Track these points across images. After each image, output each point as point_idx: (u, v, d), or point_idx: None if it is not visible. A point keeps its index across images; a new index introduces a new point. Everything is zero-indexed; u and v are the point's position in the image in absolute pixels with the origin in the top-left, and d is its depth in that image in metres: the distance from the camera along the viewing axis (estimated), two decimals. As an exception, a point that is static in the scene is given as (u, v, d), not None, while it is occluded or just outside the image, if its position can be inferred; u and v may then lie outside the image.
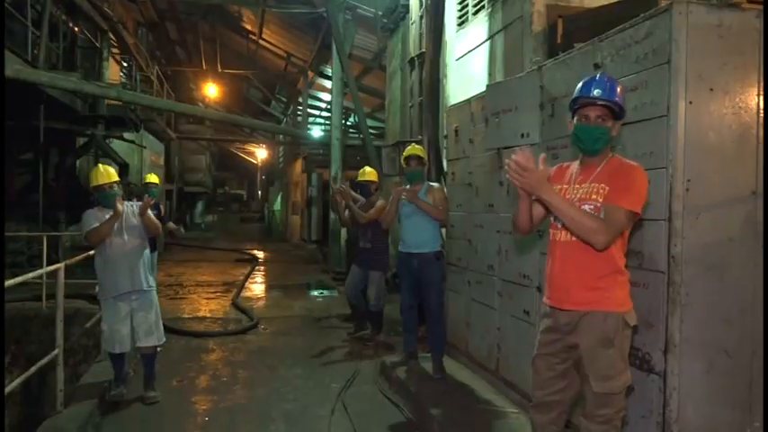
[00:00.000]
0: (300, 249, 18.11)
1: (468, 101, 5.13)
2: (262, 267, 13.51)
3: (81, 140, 11.55)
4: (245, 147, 40.67)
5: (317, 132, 19.77)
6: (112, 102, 11.51)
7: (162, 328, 4.68)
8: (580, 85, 2.53)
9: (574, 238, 2.48)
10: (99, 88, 8.75)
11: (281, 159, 29.84)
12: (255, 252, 16.78)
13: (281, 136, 27.18)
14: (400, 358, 5.14)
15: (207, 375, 5.25)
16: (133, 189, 9.52)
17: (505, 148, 4.27)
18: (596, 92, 2.47)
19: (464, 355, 5.05)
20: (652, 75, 2.85)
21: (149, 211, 4.58)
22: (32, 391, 6.22)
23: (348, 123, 22.40)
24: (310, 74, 19.99)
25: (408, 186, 5.05)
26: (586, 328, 2.48)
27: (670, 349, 2.68)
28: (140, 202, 4.70)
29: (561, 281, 2.55)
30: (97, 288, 4.54)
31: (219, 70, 20.61)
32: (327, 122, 23.77)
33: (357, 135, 19.21)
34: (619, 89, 2.49)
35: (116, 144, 12.02)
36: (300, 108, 22.10)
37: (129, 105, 11.72)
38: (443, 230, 5.30)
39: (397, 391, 4.78)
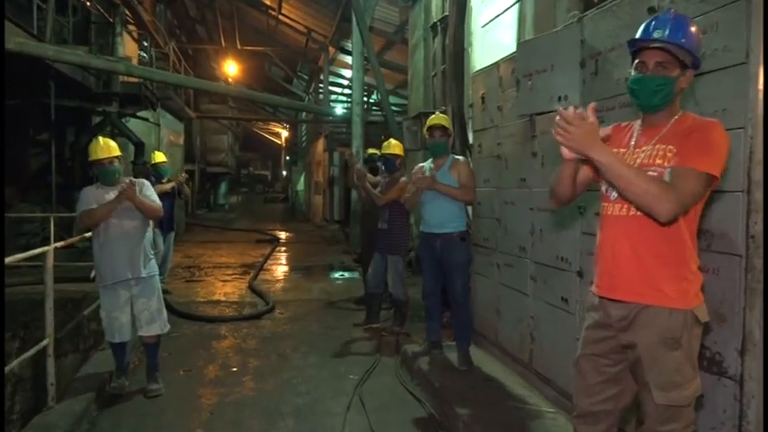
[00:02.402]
0: (323, 230, 17.79)
1: (497, 64, 4.62)
2: (283, 248, 13.21)
3: (97, 120, 11.29)
4: (269, 127, 40.46)
5: (338, 110, 19.29)
6: (128, 79, 11.23)
7: (165, 315, 4.33)
8: (642, 26, 2.05)
9: (632, 212, 2.01)
10: (107, 62, 8.40)
11: (303, 139, 29.51)
12: (277, 233, 16.50)
13: (303, 114, 26.84)
14: (422, 348, 4.73)
15: (216, 365, 4.91)
16: (140, 170, 9.22)
17: (539, 114, 3.77)
18: (656, 33, 1.98)
19: (493, 344, 4.62)
20: (725, 14, 2.33)
21: (147, 191, 4.21)
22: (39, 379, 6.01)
23: (370, 101, 21.93)
24: (331, 50, 19.49)
25: (432, 160, 4.59)
26: (646, 325, 2.01)
27: (748, 349, 2.21)
28: (142, 180, 4.34)
29: (614, 266, 2.09)
30: (93, 273, 4.20)
31: (239, 47, 20.19)
32: (349, 100, 23.30)
33: (380, 112, 18.72)
34: (692, 29, 1.99)
35: (132, 123, 11.72)
36: (322, 85, 21.63)
37: (144, 83, 11.41)
38: (469, 208, 4.84)
39: (419, 383, 4.38)
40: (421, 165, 4.72)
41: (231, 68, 22.22)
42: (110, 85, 10.44)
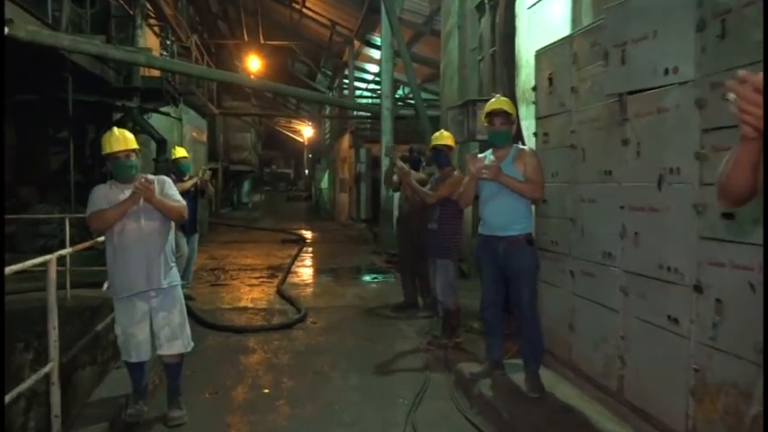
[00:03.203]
0: (349, 229, 17.22)
1: (569, 37, 3.97)
2: (309, 249, 12.66)
3: (118, 116, 10.86)
4: (292, 125, 40.12)
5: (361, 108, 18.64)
6: (149, 74, 10.79)
7: (188, 330, 3.77)
8: None
9: None
10: (126, 53, 7.90)
11: (327, 135, 29.01)
12: (302, 232, 15.98)
13: (327, 110, 26.34)
14: (482, 368, 4.09)
15: (245, 385, 4.34)
16: (162, 167, 8.73)
17: (636, 91, 3.12)
18: None
19: (565, 365, 3.97)
20: None
21: (169, 190, 3.66)
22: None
23: (396, 96, 21.29)
24: (356, 43, 18.92)
25: (491, 151, 3.97)
26: None
27: None
28: (163, 177, 3.80)
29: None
30: (106, 283, 3.65)
31: (262, 42, 19.72)
32: (374, 96, 22.72)
33: (405, 107, 18.11)
34: None
35: (155, 119, 11.28)
36: (346, 81, 21.08)
37: (166, 77, 10.95)
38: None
39: (481, 411, 3.75)
40: (480, 154, 4.08)
41: (254, 64, 21.76)
42: (130, 79, 9.99)
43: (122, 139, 3.62)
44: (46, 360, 6.45)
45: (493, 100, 4.02)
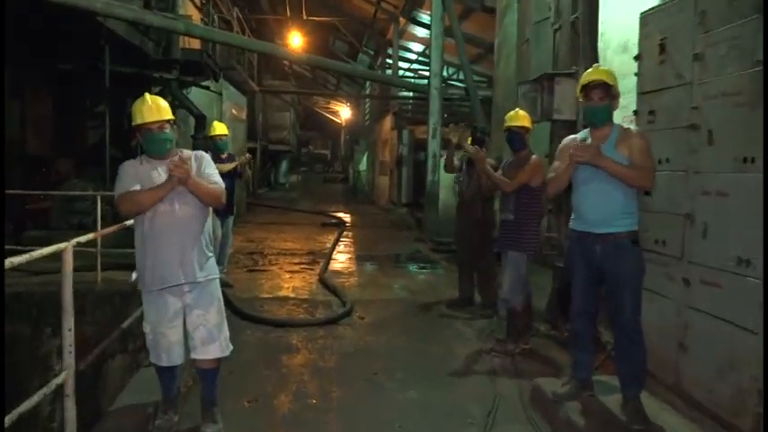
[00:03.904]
0: (389, 213, 16.64)
1: (693, -7, 3.25)
2: (349, 233, 12.12)
3: (156, 90, 10.46)
4: (329, 106, 39.65)
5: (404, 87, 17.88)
6: (189, 46, 10.33)
7: (227, 332, 3.24)
8: None
9: None
10: (164, 20, 7.39)
11: (366, 116, 28.39)
12: (341, 215, 15.46)
13: (367, 90, 25.70)
14: (568, 388, 3.46)
15: (288, 392, 3.81)
16: (201, 144, 8.25)
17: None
18: None
19: (671, 390, 3.32)
20: None
21: (207, 169, 3.13)
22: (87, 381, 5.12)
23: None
24: (402, 20, 18.17)
25: (587, 132, 3.30)
26: None
27: None
28: (201, 153, 3.27)
29: None
30: (134, 274, 3.15)
31: (304, 18, 19.13)
32: (416, 76, 21.94)
33: (446, 88, 17.31)
34: None
35: (194, 94, 10.84)
36: (389, 60, 20.36)
37: (206, 50, 10.47)
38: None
39: (570, 442, 3.15)
40: (572, 136, 3.43)
41: (295, 40, 21.23)
42: (169, 51, 9.53)
43: (156, 108, 3.10)
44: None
45: (590, 70, 3.33)
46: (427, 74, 13.06)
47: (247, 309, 5.48)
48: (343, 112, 38.50)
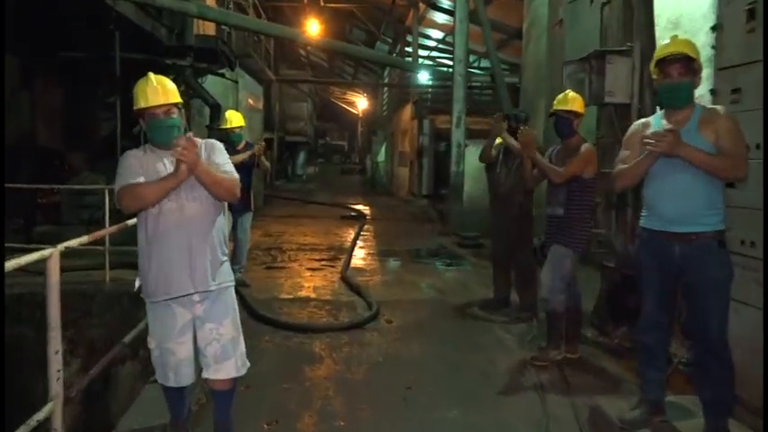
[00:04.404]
0: (409, 205, 16.16)
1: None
2: (369, 227, 11.69)
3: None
4: (346, 96, 39.21)
5: (424, 76, 17.31)
6: (203, 31, 9.94)
7: (243, 347, 2.82)
8: None
9: None
10: (176, 2, 6.99)
11: (384, 106, 27.86)
12: (360, 207, 15.03)
13: (386, 79, 25.18)
14: (637, 412, 2.99)
15: (312, 411, 3.38)
16: (216, 135, 7.85)
17: None
18: None
19: (756, 414, 2.83)
20: None
21: (218, 158, 2.71)
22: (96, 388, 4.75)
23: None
24: (421, 6, 17.60)
25: (662, 114, 2.82)
26: None
27: None
28: (212, 141, 2.85)
29: None
30: (138, 282, 2.73)
31: (321, 4, 18.66)
32: (434, 64, 21.37)
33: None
34: None
35: (209, 82, 10.45)
36: (408, 48, 19.81)
37: (221, 37, 10.07)
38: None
39: (644, 478, 2.68)
40: (641, 120, 2.95)
41: (312, 28, 20.77)
42: (183, 37, 9.14)
43: (162, 90, 2.69)
44: (81, 350, 5.66)
45: (668, 42, 2.83)
46: (447, 62, 12.56)
47: (265, 311, 5.08)
48: (360, 103, 38.05)
